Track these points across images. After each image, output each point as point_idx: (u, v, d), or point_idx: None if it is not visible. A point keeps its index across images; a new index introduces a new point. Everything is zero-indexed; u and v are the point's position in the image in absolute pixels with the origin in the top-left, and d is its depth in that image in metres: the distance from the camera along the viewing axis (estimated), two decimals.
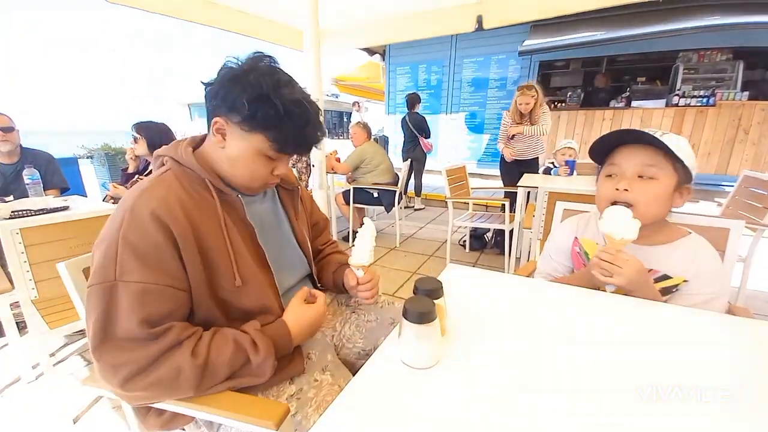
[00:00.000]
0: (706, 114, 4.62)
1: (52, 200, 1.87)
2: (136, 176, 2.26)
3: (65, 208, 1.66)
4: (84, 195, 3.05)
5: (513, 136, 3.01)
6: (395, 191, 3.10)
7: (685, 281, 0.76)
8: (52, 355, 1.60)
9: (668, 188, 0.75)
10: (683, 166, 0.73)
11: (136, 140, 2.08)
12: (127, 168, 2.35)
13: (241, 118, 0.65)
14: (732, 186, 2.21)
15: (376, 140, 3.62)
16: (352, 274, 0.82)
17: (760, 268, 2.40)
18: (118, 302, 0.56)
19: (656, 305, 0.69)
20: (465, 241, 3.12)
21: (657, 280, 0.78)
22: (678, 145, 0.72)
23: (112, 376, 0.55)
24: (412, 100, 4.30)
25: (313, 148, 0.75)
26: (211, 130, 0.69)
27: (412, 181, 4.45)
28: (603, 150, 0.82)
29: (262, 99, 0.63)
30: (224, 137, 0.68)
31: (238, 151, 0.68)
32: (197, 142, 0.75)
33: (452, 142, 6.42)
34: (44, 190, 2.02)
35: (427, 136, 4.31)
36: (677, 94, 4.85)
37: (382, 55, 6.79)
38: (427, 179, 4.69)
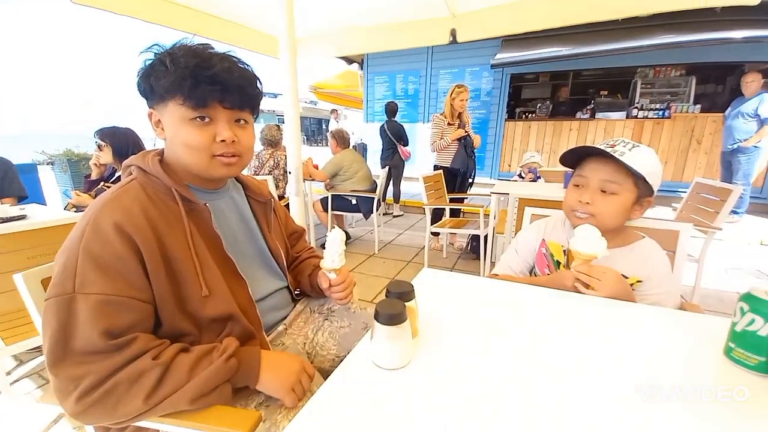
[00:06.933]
0: (662, 125, 4.96)
1: (8, 209, 1.75)
2: (101, 183, 2.15)
3: (22, 217, 1.56)
4: (43, 203, 2.88)
5: (462, 138, 3.02)
6: (373, 198, 3.11)
7: (639, 281, 0.82)
8: (8, 373, 1.49)
9: (627, 202, 0.79)
10: (645, 182, 0.77)
11: (100, 147, 1.95)
12: (90, 175, 2.22)
13: (149, 96, 0.67)
14: (686, 192, 2.38)
15: (354, 148, 3.64)
16: (325, 277, 0.83)
17: (713, 268, 2.58)
18: (77, 315, 0.54)
19: (626, 305, 0.71)
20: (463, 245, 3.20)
21: None
22: (643, 162, 0.75)
23: (74, 389, 0.52)
24: (391, 109, 4.37)
25: (248, 92, 0.70)
26: (156, 130, 0.70)
27: (390, 188, 4.50)
28: (573, 160, 0.86)
29: (153, 65, 0.65)
30: (162, 128, 0.69)
31: (171, 130, 0.68)
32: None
33: (429, 150, 6.52)
34: (0, 198, 1.90)
35: (406, 143, 4.38)
36: (636, 107, 5.20)
37: (360, 65, 6.86)
38: (405, 186, 4.74)
